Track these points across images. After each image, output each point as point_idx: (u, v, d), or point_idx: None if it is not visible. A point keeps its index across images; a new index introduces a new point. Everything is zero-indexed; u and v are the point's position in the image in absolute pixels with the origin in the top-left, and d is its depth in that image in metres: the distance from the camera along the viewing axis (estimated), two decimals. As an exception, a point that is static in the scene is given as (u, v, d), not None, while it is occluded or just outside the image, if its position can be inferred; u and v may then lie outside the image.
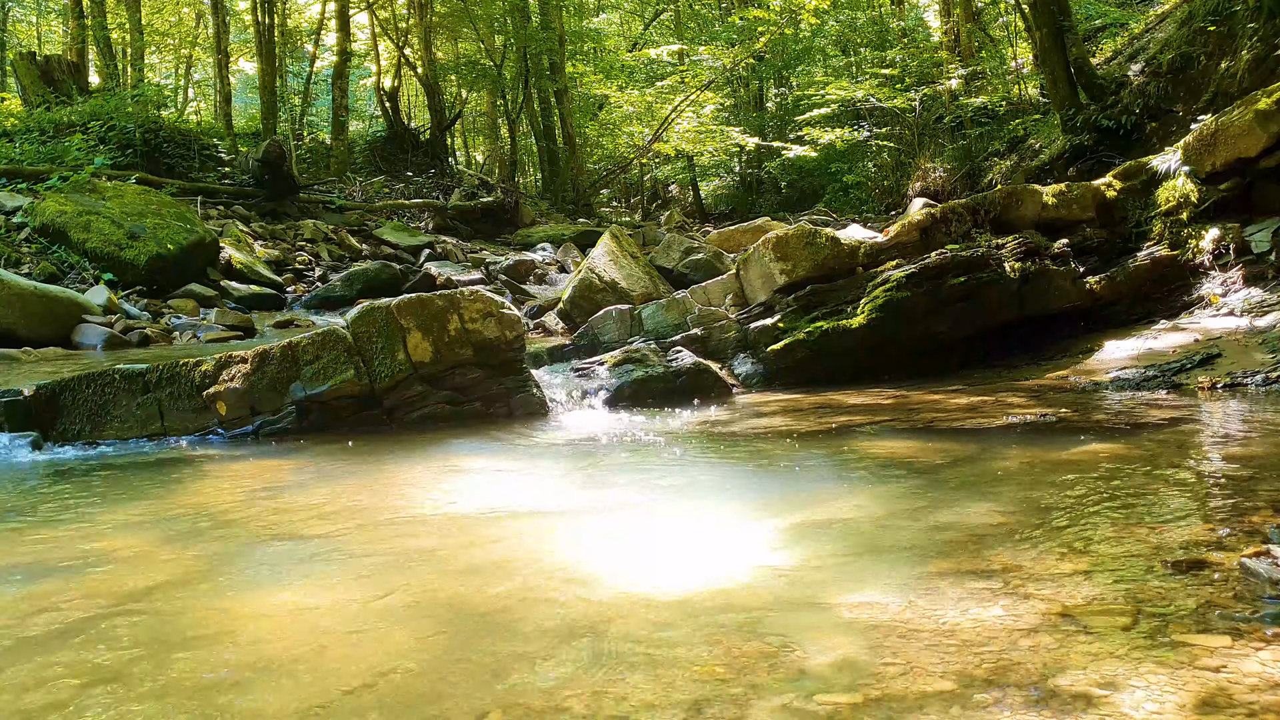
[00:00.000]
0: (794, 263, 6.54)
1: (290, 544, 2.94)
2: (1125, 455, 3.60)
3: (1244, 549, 2.31)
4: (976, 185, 16.34)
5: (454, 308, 5.23)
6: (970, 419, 4.63)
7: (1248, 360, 5.17)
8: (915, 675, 1.79)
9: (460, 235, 17.09)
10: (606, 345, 6.74)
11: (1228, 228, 6.25)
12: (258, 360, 5.00)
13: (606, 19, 30.48)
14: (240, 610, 2.34)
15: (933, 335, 6.21)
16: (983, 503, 3.00)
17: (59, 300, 8.21)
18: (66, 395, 4.89)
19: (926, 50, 21.66)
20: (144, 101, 16.60)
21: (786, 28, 20.96)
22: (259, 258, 12.27)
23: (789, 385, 6.13)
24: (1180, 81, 11.93)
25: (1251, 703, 1.62)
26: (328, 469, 4.17)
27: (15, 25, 25.91)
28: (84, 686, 1.90)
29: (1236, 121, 6.22)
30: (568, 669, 1.90)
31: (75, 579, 2.61)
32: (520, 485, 3.80)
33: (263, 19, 19.91)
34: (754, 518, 3.09)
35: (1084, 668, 1.78)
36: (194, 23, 26.44)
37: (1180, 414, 4.39)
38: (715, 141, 22.02)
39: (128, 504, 3.55)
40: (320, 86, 27.19)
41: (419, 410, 5.11)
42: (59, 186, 11.52)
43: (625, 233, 10.20)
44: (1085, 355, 6.04)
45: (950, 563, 2.42)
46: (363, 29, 25.57)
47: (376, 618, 2.24)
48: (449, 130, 24.89)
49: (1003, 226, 6.64)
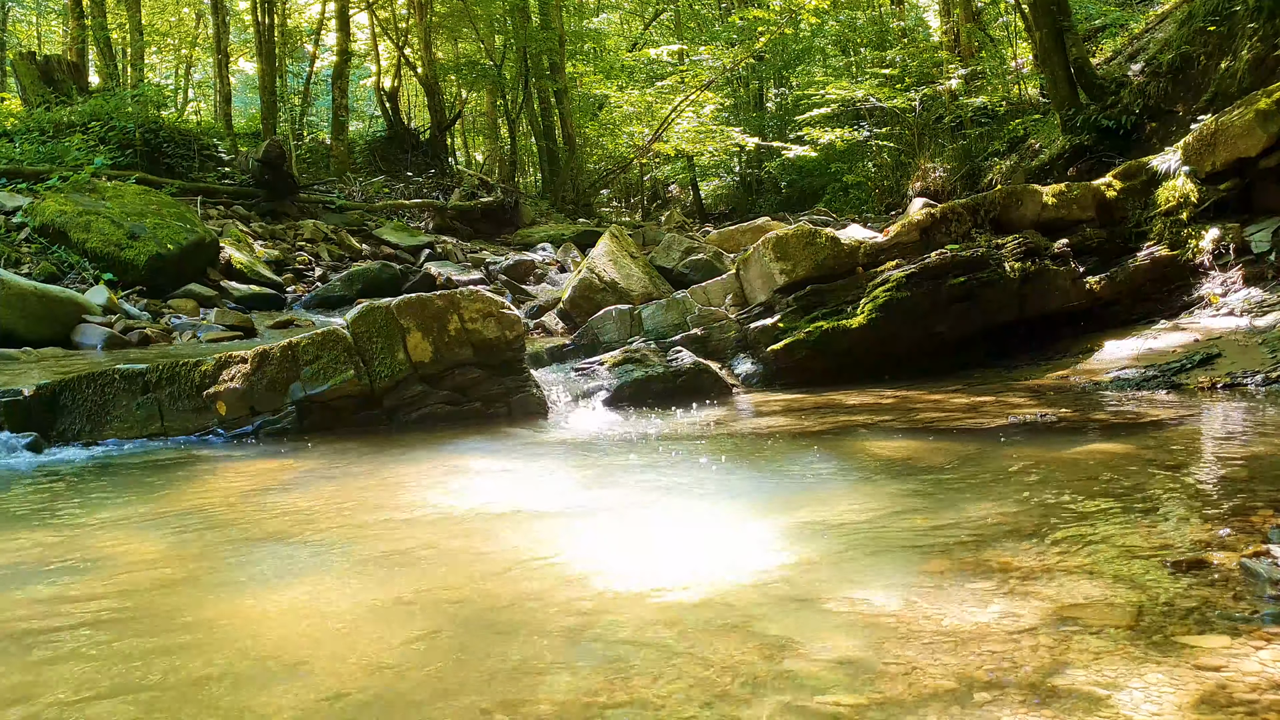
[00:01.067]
0: (794, 263, 6.54)
1: (290, 544, 2.94)
2: (1125, 455, 3.60)
3: (1244, 549, 2.31)
4: (976, 185, 16.34)
5: (454, 308, 5.23)
6: (970, 419, 4.63)
7: (1248, 360, 5.17)
8: (916, 675, 1.79)
9: (460, 235, 17.09)
10: (606, 345, 6.74)
11: (1228, 228, 6.25)
12: (257, 360, 5.00)
13: (606, 19, 30.48)
14: (240, 610, 2.34)
15: (933, 335, 6.21)
16: (983, 502, 3.00)
17: (59, 300, 8.21)
18: (66, 395, 4.89)
19: (926, 50, 21.65)
20: (144, 101, 16.57)
21: (786, 28, 20.95)
22: (259, 258, 12.26)
23: (789, 385, 6.14)
24: (1180, 81, 11.93)
25: (1251, 702, 1.62)
26: (328, 469, 4.17)
27: (15, 25, 25.89)
28: (83, 686, 1.90)
29: (1236, 121, 6.23)
30: (568, 669, 1.90)
31: (75, 579, 2.61)
32: (521, 485, 3.80)
33: (263, 19, 19.91)
34: (754, 517, 3.09)
35: (1084, 667, 1.78)
36: (194, 23, 26.44)
37: (1180, 414, 4.39)
38: (715, 141, 22.01)
39: (127, 504, 3.54)
40: (320, 86, 27.19)
41: (419, 410, 5.11)
42: (59, 186, 11.52)
43: (625, 233, 10.20)
44: (1085, 355, 6.04)
45: (951, 562, 2.42)
46: (363, 29, 25.58)
47: (377, 618, 2.25)
48: (449, 130, 24.89)
49: (1003, 226, 6.65)
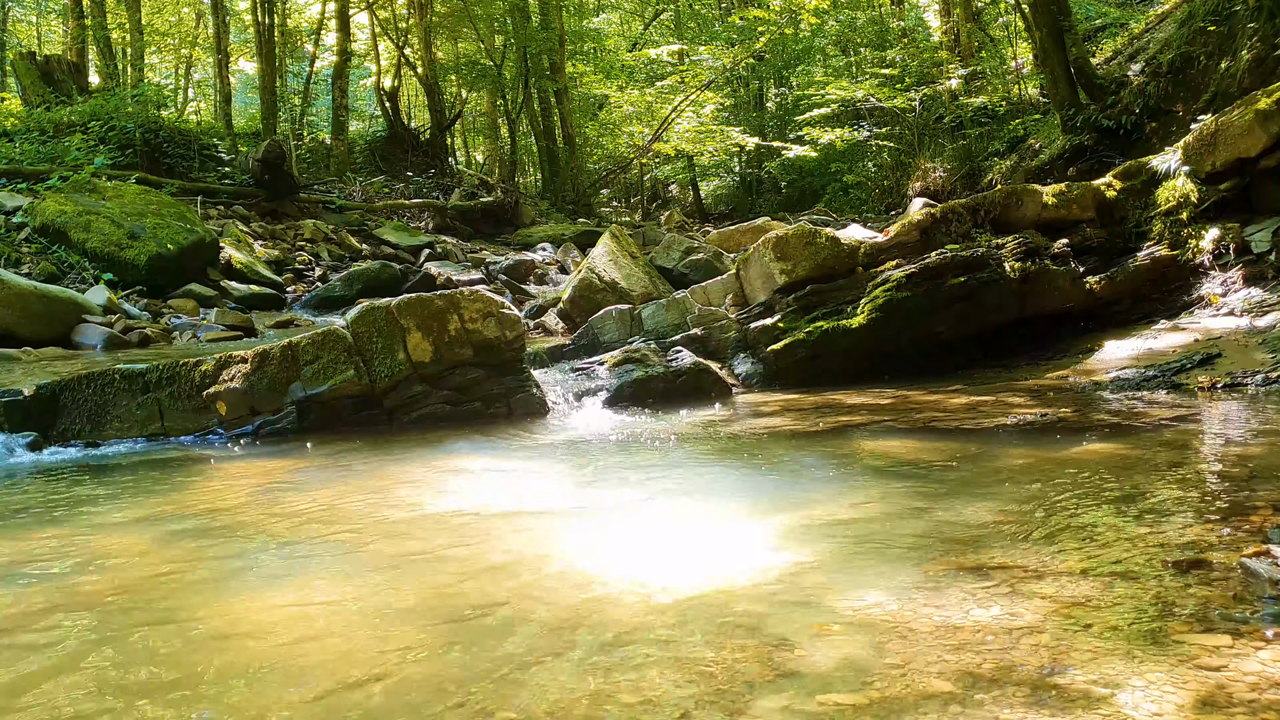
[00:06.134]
0: (794, 263, 6.54)
1: (290, 544, 2.94)
2: (1125, 455, 3.60)
3: (1244, 549, 2.31)
4: (976, 185, 16.33)
5: (454, 308, 5.23)
6: (970, 419, 4.63)
7: (1248, 360, 5.17)
8: (916, 675, 1.79)
9: (460, 235, 17.08)
10: (606, 345, 6.74)
11: (1228, 228, 6.25)
12: (258, 360, 5.00)
13: (606, 19, 30.47)
14: (239, 610, 2.34)
15: (933, 335, 6.21)
16: (983, 502, 3.00)
17: (59, 300, 8.21)
18: (66, 395, 4.89)
19: (926, 50, 21.65)
20: (144, 101, 16.57)
21: (786, 28, 20.95)
22: (259, 258, 12.26)
23: (789, 385, 6.13)
24: (1180, 81, 11.93)
25: (1251, 701, 1.62)
26: (328, 469, 4.17)
27: (15, 25, 25.89)
28: (82, 686, 1.90)
29: (1236, 121, 6.22)
30: (568, 669, 1.90)
31: (74, 579, 2.61)
32: (520, 485, 3.80)
33: (263, 19, 19.91)
34: (754, 517, 3.09)
35: (1084, 667, 1.78)
36: (194, 23, 26.43)
37: (1180, 414, 4.39)
38: (715, 141, 22.02)
39: (127, 504, 3.55)
40: (320, 86, 27.20)
41: (419, 410, 5.11)
42: (59, 186, 11.52)
43: (625, 233, 10.19)
44: (1085, 355, 6.04)
45: (950, 562, 2.42)
46: (363, 29, 25.57)
47: (377, 617, 2.25)
48: (449, 130, 24.88)
49: (1003, 226, 6.64)
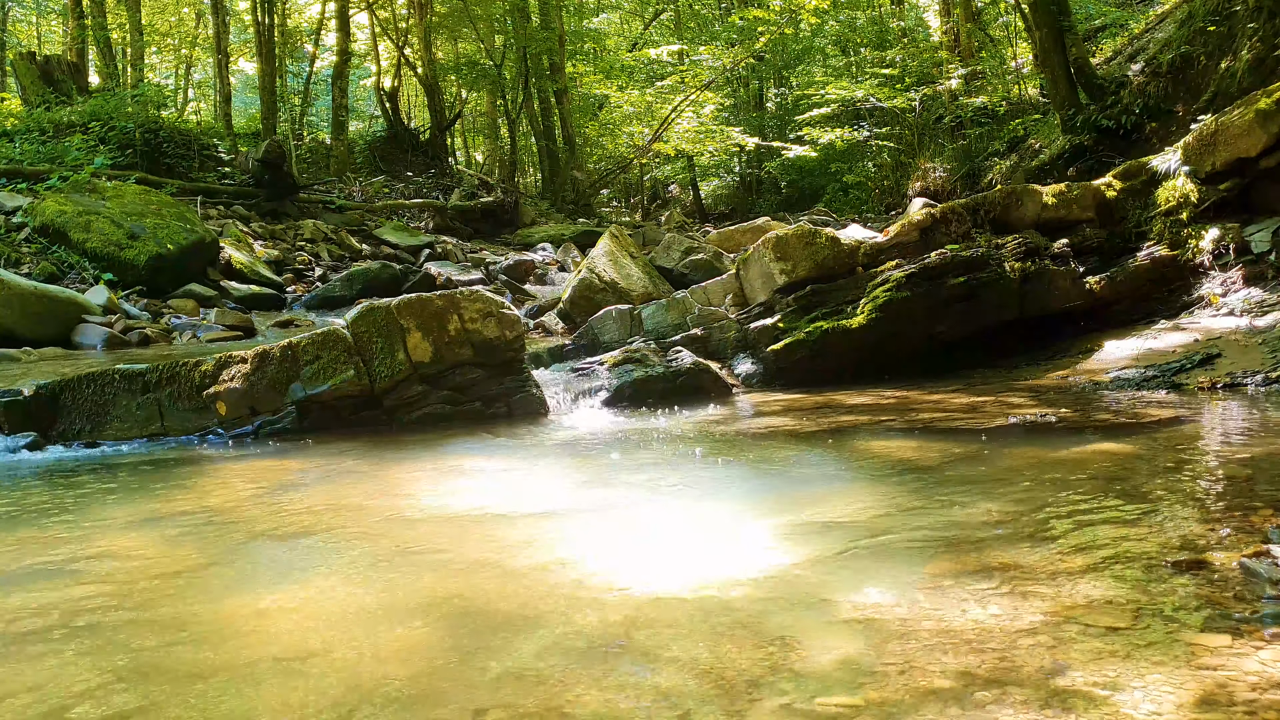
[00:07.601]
0: (794, 263, 6.54)
1: (290, 544, 2.94)
2: (1125, 455, 3.60)
3: (1244, 549, 2.31)
4: (976, 185, 16.34)
5: (454, 308, 5.23)
6: (970, 419, 4.63)
7: (1248, 360, 5.17)
8: (916, 675, 1.79)
9: (460, 235, 17.09)
10: (606, 345, 6.74)
11: (1228, 228, 6.24)
12: (258, 360, 5.00)
13: (606, 19, 30.49)
14: (239, 610, 2.34)
15: (933, 335, 6.21)
16: (983, 502, 3.00)
17: (59, 300, 8.21)
18: (66, 395, 4.89)
19: (926, 50, 21.67)
20: (144, 101, 16.57)
21: (786, 28, 20.95)
22: (259, 258, 12.26)
23: (789, 385, 6.13)
24: (1180, 81, 11.93)
25: (1251, 702, 1.62)
26: (328, 469, 4.17)
27: (15, 25, 25.89)
28: (82, 685, 1.90)
29: (1236, 121, 6.22)
30: (568, 668, 1.90)
31: (74, 579, 2.61)
32: (520, 486, 3.80)
33: (263, 19, 19.92)
34: (754, 517, 3.09)
35: (1084, 667, 1.78)
36: (194, 23, 26.44)
37: (1180, 414, 4.39)
38: (715, 141, 22.03)
39: (127, 504, 3.54)
40: (320, 86, 27.22)
41: (419, 410, 5.11)
42: (59, 186, 11.52)
43: (625, 233, 10.20)
44: (1085, 355, 6.04)
45: (951, 562, 2.42)
46: (363, 29, 25.59)
47: (377, 618, 2.25)
48: (449, 130, 24.89)
49: (1003, 226, 6.64)
